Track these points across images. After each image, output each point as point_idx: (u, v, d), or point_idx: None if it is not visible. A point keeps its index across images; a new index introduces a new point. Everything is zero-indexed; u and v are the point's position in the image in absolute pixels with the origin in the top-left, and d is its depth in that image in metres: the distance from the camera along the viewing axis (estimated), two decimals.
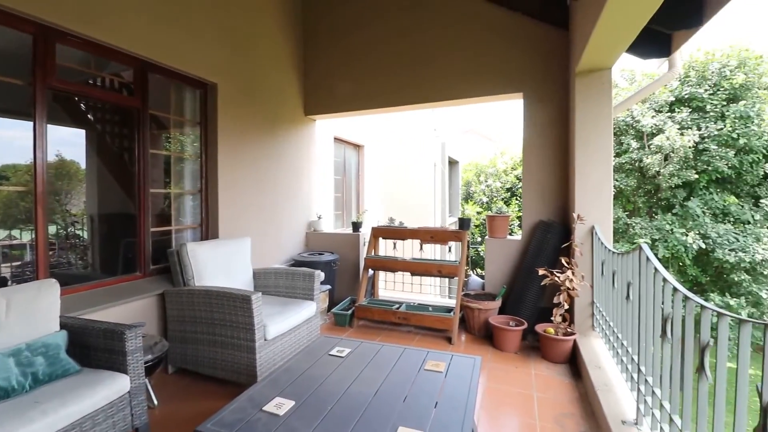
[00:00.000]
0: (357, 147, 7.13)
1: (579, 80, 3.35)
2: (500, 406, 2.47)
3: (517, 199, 12.58)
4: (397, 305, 3.93)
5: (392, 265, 4.03)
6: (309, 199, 4.95)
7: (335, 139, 6.10)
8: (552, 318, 3.14)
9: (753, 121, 7.84)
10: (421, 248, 4.31)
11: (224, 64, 3.58)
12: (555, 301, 3.09)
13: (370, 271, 4.29)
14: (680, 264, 8.21)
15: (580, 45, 3.07)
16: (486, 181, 13.93)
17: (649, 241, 8.35)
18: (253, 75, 3.97)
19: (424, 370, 2.00)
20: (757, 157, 8.00)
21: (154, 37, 2.94)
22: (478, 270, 11.08)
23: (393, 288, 4.89)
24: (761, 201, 8.14)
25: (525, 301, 3.54)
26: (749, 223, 8.02)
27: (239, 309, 2.51)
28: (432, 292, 7.83)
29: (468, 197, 14.10)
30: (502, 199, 13.15)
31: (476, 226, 11.02)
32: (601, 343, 2.95)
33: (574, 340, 3.03)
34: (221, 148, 3.53)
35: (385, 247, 5.70)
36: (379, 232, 4.32)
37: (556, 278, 3.08)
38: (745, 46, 8.53)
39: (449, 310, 3.75)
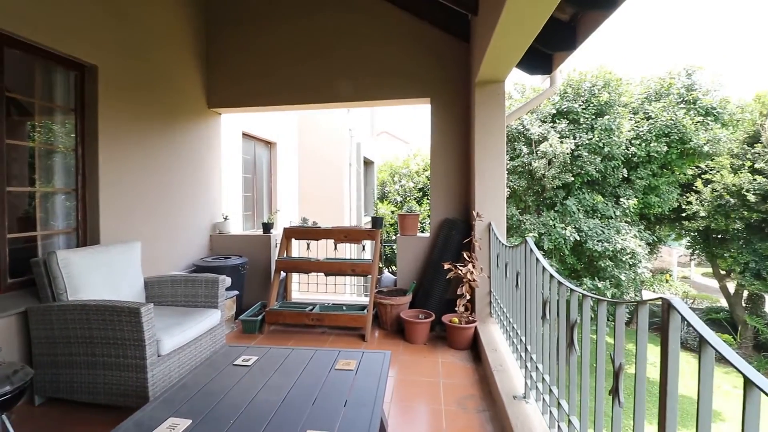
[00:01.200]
0: (269, 144, 6.83)
1: (478, 90, 3.66)
2: (410, 396, 2.59)
3: (428, 199, 13.30)
4: (310, 307, 3.86)
5: (305, 266, 3.95)
6: (214, 199, 4.59)
7: (244, 134, 5.76)
8: (456, 308, 3.39)
9: (614, 133, 9.42)
10: (336, 248, 4.29)
11: (108, 45, 3.13)
12: (458, 292, 3.33)
13: (282, 274, 4.14)
14: (561, 254, 9.51)
15: (478, 58, 3.35)
16: (400, 182, 14.44)
17: (537, 235, 9.50)
18: (145, 60, 3.54)
19: (335, 370, 1.99)
20: (618, 163, 9.62)
21: (13, 5, 2.44)
22: (393, 267, 11.46)
23: (307, 290, 4.79)
24: (620, 200, 9.83)
25: (433, 294, 3.75)
26: (612, 218, 9.62)
27: (126, 324, 2.22)
28: (350, 291, 7.86)
29: (383, 197, 14.47)
30: (415, 198, 13.76)
31: (391, 225, 11.36)
32: (497, 328, 3.27)
33: (475, 327, 3.31)
34: (103, 140, 3.08)
35: (299, 248, 5.56)
36: (291, 233, 4.20)
37: (459, 271, 3.33)
38: (609, 69, 10.21)
39: (363, 308, 3.80)
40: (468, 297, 3.35)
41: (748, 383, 0.84)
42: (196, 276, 3.01)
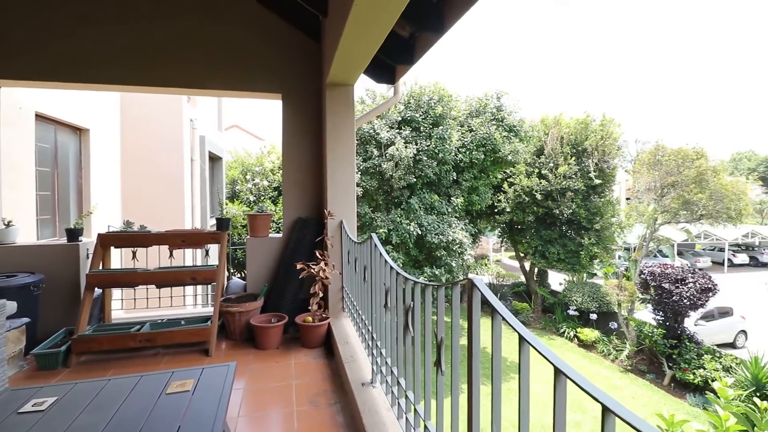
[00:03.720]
0: (78, 130, 5.51)
1: (329, 91, 3.73)
2: (261, 404, 2.47)
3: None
4: (137, 326, 3.28)
5: (129, 278, 3.33)
6: None
7: (39, 116, 4.51)
8: (310, 307, 3.39)
9: (446, 142, 10.95)
10: (171, 255, 3.76)
11: None
12: (312, 291, 3.35)
13: (98, 291, 3.41)
14: (407, 247, 10.57)
15: (329, 59, 3.42)
16: (253, 180, 13.62)
17: (387, 231, 10.33)
18: None
19: (166, 395, 1.74)
20: (449, 168, 11.23)
21: None
22: (246, 272, 10.74)
23: (134, 307, 4.07)
24: (452, 198, 11.50)
25: (286, 295, 3.67)
26: (445, 214, 11.18)
27: None
28: (195, 303, 7.02)
29: (234, 196, 13.39)
30: (270, 198, 13.20)
31: (243, 227, 10.61)
32: (349, 321, 3.41)
33: (329, 324, 3.38)
34: None
35: (123, 258, 4.68)
36: (109, 240, 3.48)
37: (312, 270, 3.34)
38: (443, 86, 11.79)
39: (207, 319, 3.44)
40: (321, 294, 3.39)
41: (522, 341, 1.09)
42: None
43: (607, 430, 0.80)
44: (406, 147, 10.37)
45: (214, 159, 11.72)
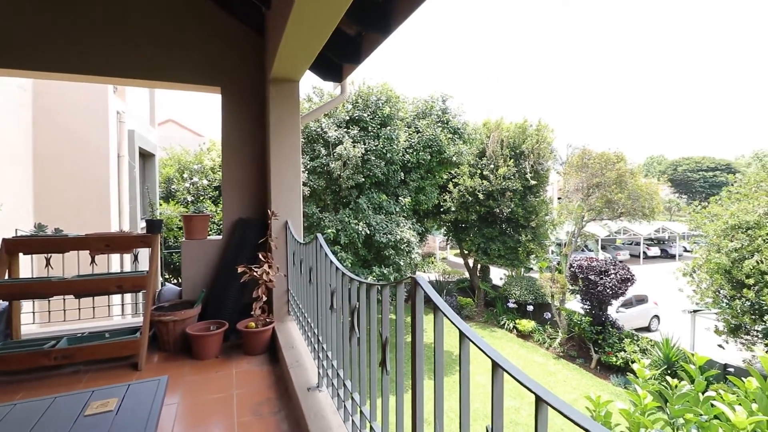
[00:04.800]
0: None
1: (273, 87, 3.59)
2: (198, 419, 2.31)
3: None
4: (52, 342, 2.92)
5: (42, 288, 2.95)
6: None
7: None
8: (253, 312, 3.24)
9: (394, 142, 11.07)
10: (93, 261, 3.39)
11: None
12: (254, 295, 3.20)
13: (2, 303, 2.99)
14: (355, 247, 10.54)
15: (272, 54, 3.29)
16: (191, 179, 12.78)
17: (335, 231, 10.22)
18: None
19: (84, 417, 1.56)
20: (397, 168, 11.37)
21: None
22: (181, 278, 10.05)
23: (49, 320, 3.62)
24: (399, 198, 11.66)
25: (226, 301, 3.48)
26: (393, 213, 11.31)
27: None
28: (124, 313, 6.42)
29: (169, 196, 12.47)
30: (210, 198, 12.47)
31: (179, 229, 9.91)
32: (295, 325, 3.32)
33: (273, 328, 3.26)
34: None
35: (37, 266, 4.16)
36: (16, 245, 3.06)
37: (255, 273, 3.20)
38: (391, 87, 11.89)
39: (136, 330, 3.15)
40: (264, 298, 3.26)
41: (462, 336, 1.12)
42: None
43: (540, 417, 0.84)
44: (354, 146, 10.33)
45: (146, 156, 10.81)
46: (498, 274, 18.85)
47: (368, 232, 10.23)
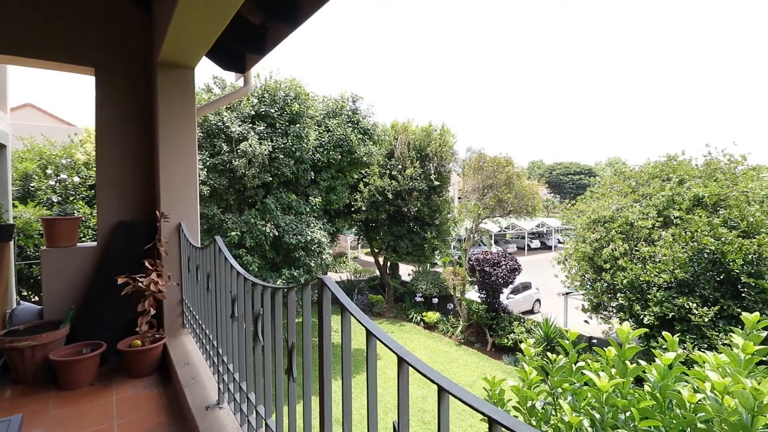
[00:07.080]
0: None
1: (162, 72, 3.19)
2: None
3: None
4: None
5: None
6: None
7: None
8: (138, 329, 2.84)
9: (304, 140, 10.77)
10: None
11: None
12: (140, 309, 2.80)
13: None
14: (263, 250, 10.01)
15: (160, 35, 2.92)
16: (59, 176, 10.73)
17: (240, 233, 9.57)
18: None
19: None
20: (307, 167, 11.08)
21: None
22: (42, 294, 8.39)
23: None
24: (310, 198, 11.40)
25: (104, 318, 2.99)
26: (303, 213, 11.01)
27: None
28: None
29: (27, 196, 10.30)
30: (84, 198, 10.64)
31: (41, 235, 8.25)
32: (191, 339, 3.00)
33: (164, 345, 2.90)
34: None
35: None
36: None
37: (140, 284, 2.80)
38: (300, 83, 11.53)
39: None
40: (153, 312, 2.87)
41: (369, 334, 1.11)
42: None
43: (442, 405, 0.88)
44: (260, 143, 9.79)
45: None
46: (407, 271, 19.70)
47: (277, 234, 9.80)
